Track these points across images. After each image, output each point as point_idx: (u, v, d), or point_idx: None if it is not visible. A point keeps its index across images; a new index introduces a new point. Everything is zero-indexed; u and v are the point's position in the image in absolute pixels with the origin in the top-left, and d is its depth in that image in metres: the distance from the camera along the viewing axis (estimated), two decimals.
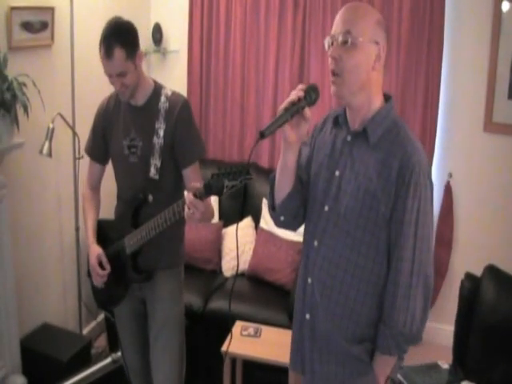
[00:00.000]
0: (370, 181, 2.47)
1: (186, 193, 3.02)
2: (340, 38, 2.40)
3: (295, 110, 2.38)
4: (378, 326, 2.56)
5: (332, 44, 2.44)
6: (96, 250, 3.48)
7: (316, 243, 2.64)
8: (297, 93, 2.39)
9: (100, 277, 3.47)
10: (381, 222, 2.47)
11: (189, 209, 2.92)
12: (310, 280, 2.67)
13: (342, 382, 2.67)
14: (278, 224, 2.77)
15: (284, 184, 2.61)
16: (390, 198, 2.44)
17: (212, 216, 3.38)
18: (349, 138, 2.58)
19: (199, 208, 2.89)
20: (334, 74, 2.44)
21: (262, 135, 2.34)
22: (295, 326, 2.82)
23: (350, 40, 2.38)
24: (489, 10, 5.01)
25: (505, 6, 4.93)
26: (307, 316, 2.70)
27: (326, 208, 2.60)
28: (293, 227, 2.80)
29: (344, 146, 2.59)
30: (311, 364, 2.72)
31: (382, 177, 2.45)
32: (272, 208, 2.73)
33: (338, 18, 2.46)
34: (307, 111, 2.40)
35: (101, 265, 3.47)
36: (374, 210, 2.47)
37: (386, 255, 2.53)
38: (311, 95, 2.40)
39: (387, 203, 2.44)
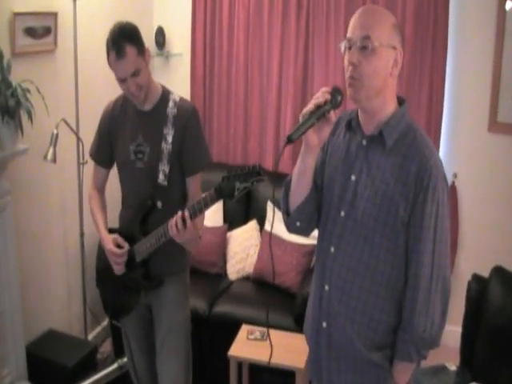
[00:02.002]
0: (388, 185, 2.45)
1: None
2: (359, 43, 2.37)
3: (321, 113, 2.34)
4: (397, 333, 2.54)
5: (349, 48, 2.41)
6: (109, 237, 3.46)
7: (333, 249, 2.60)
8: (323, 95, 2.35)
9: (119, 257, 3.40)
10: (399, 227, 2.45)
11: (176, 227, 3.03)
12: (326, 287, 2.62)
13: None
14: (293, 230, 2.73)
15: (301, 188, 2.57)
16: (408, 202, 2.42)
17: (195, 243, 3.38)
18: (364, 143, 2.55)
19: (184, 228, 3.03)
20: (352, 78, 2.39)
21: (290, 140, 2.30)
22: (311, 335, 2.76)
23: (370, 46, 2.35)
24: (493, 10, 5.01)
25: (508, 6, 4.91)
26: (324, 324, 2.65)
27: (342, 213, 2.56)
28: (306, 233, 2.76)
29: (359, 150, 2.56)
30: (329, 373, 2.68)
31: (399, 181, 2.43)
32: (286, 213, 2.68)
33: (356, 21, 2.42)
34: (332, 114, 2.37)
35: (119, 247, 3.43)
36: (391, 215, 2.44)
37: (403, 259, 2.50)
38: (336, 98, 2.36)
39: (405, 207, 2.42)
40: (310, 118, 2.32)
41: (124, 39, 3.12)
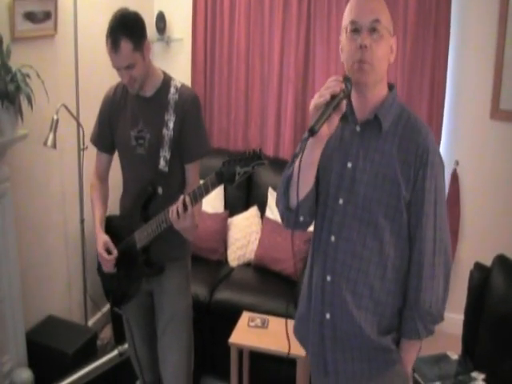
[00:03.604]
0: (388, 167, 2.47)
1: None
2: (368, 26, 2.38)
3: (337, 102, 2.28)
4: (403, 312, 2.58)
5: (353, 31, 2.41)
6: (102, 238, 3.46)
7: (333, 238, 2.58)
8: (337, 84, 2.30)
9: (108, 262, 3.44)
10: (402, 207, 2.48)
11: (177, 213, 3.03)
12: (329, 278, 2.60)
13: (369, 377, 2.65)
14: (296, 225, 2.64)
15: (308, 181, 2.51)
16: (410, 180, 2.46)
17: (192, 231, 3.34)
18: (358, 129, 2.55)
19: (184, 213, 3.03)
20: (363, 61, 2.38)
21: (314, 131, 2.24)
22: (312, 329, 2.73)
23: (380, 29, 2.38)
24: None
25: None
26: (327, 316, 2.63)
27: (341, 201, 2.55)
28: (306, 227, 2.70)
29: (353, 136, 2.56)
30: (335, 364, 2.67)
31: (400, 161, 2.46)
32: (288, 209, 2.61)
33: (361, 5, 2.44)
34: (344, 104, 2.33)
35: (108, 251, 3.44)
36: (394, 196, 2.47)
37: (407, 239, 2.54)
38: (348, 86, 2.33)
39: (407, 186, 2.46)
40: (328, 108, 2.26)
41: (121, 32, 3.11)
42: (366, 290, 2.56)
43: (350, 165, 2.55)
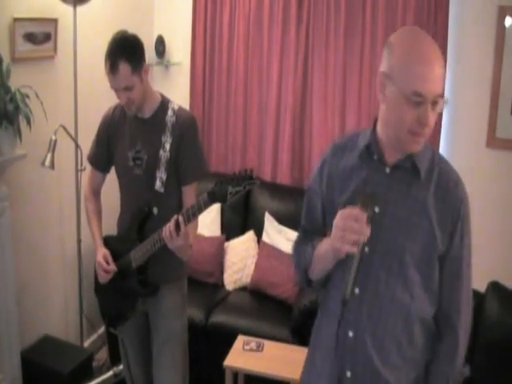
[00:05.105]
0: (423, 216, 2.27)
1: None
2: (433, 99, 2.15)
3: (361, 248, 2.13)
4: (435, 367, 2.42)
5: (417, 104, 2.15)
6: (103, 250, 3.51)
7: (358, 291, 2.34)
8: (362, 229, 2.10)
9: (105, 272, 3.47)
10: (435, 260, 2.31)
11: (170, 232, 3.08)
12: (351, 334, 2.38)
13: None
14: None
15: (329, 266, 2.39)
16: (446, 233, 2.28)
17: (186, 251, 3.36)
18: (387, 171, 2.33)
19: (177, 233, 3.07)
20: (421, 136, 2.21)
21: (345, 302, 2.18)
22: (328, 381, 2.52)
23: (440, 103, 2.18)
24: (492, 26, 5.01)
25: (508, 22, 4.92)
26: (348, 374, 2.41)
27: (366, 249, 2.28)
28: None
29: (380, 179, 2.34)
30: None
31: (437, 211, 2.28)
32: (309, 285, 2.53)
33: (431, 74, 2.14)
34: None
35: (107, 263, 3.48)
36: (429, 248, 2.28)
37: (437, 294, 2.37)
38: (373, 208, 2.20)
39: (443, 239, 2.28)
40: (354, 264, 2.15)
41: (120, 55, 3.15)
42: (393, 346, 2.37)
43: (377, 209, 2.28)
